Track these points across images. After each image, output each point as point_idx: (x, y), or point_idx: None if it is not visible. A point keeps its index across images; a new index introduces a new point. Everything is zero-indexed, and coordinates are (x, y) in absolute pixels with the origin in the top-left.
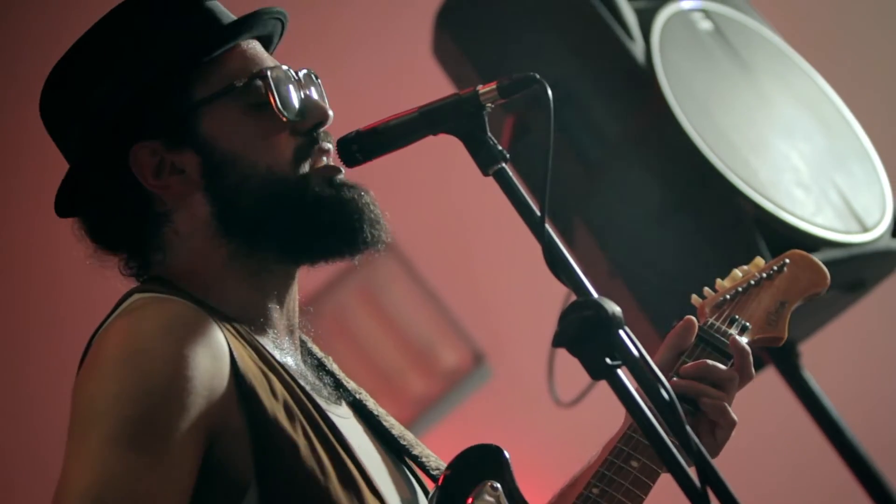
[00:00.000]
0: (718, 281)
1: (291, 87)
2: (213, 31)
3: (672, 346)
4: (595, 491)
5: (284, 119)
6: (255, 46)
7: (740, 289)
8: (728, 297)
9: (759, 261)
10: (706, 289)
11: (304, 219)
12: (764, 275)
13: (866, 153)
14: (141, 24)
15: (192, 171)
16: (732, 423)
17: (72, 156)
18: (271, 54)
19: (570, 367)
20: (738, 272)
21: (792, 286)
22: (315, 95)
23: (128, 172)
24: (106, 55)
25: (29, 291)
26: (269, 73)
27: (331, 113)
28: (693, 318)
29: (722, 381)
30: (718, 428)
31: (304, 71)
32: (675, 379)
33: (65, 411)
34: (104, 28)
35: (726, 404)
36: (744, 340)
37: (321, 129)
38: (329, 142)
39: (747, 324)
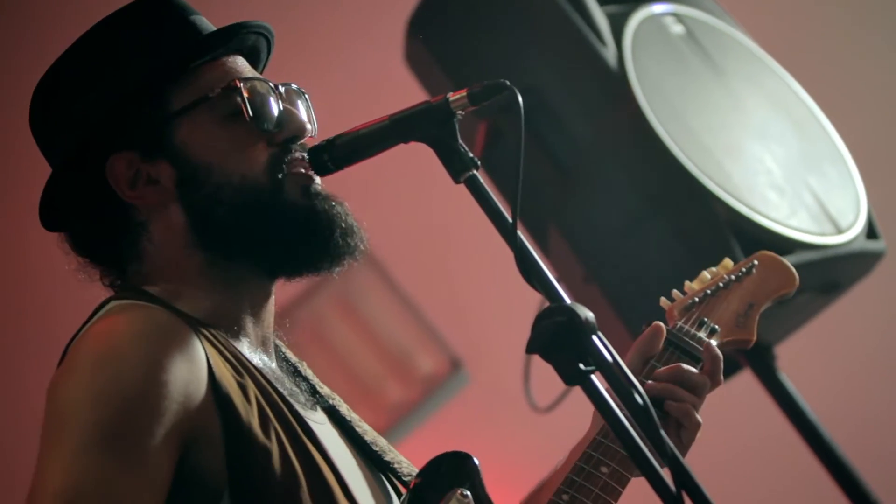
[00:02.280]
0: (687, 283)
1: (269, 98)
2: (190, 43)
3: (640, 351)
4: (565, 497)
5: (258, 130)
6: (235, 60)
7: (709, 291)
8: (697, 299)
9: (728, 262)
10: (675, 291)
11: (277, 229)
12: (733, 276)
13: (840, 155)
14: (124, 36)
15: (166, 181)
16: (697, 425)
17: (54, 165)
18: (261, 71)
19: (546, 373)
20: (706, 274)
21: (760, 288)
22: (301, 110)
23: (106, 183)
24: (88, 67)
25: (24, 293)
26: (242, 83)
27: (309, 127)
28: (661, 323)
29: (694, 385)
30: (683, 429)
31: (290, 86)
32: (648, 383)
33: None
34: (90, 40)
35: (691, 406)
36: (713, 344)
37: (298, 143)
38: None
39: (716, 326)
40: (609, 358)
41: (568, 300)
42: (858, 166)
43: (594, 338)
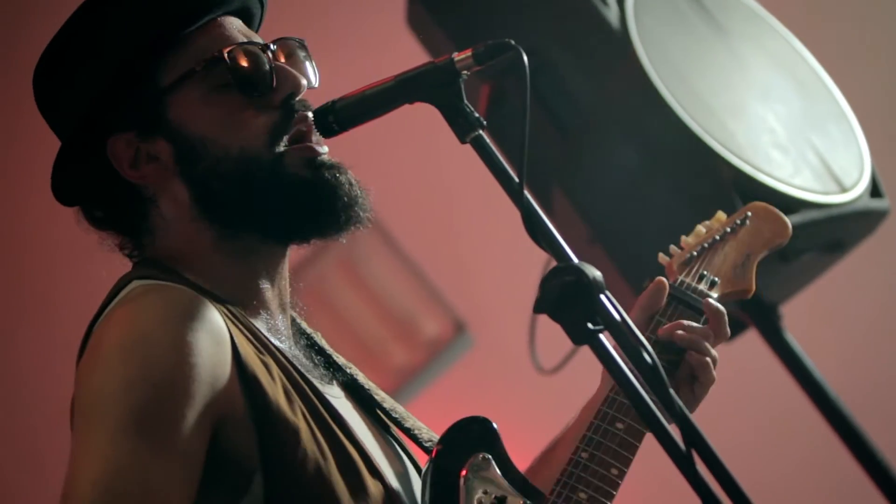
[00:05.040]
0: (684, 238)
1: (259, 62)
2: (173, 15)
3: (644, 307)
4: (584, 455)
5: (249, 97)
6: (224, 24)
7: (706, 245)
8: (695, 253)
9: (721, 215)
10: (672, 247)
11: (281, 202)
12: (728, 229)
13: (843, 114)
14: (114, 12)
15: (165, 158)
16: (712, 381)
17: (61, 141)
18: (257, 29)
19: (551, 335)
20: (701, 228)
21: (755, 238)
22: (299, 62)
23: (109, 163)
24: (82, 46)
25: (23, 276)
26: (227, 52)
27: (303, 81)
28: (664, 278)
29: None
30: (698, 383)
31: (285, 40)
32: (677, 332)
33: (55, 397)
34: (80, 16)
35: (709, 360)
36: (714, 296)
37: (295, 99)
38: (308, 109)
39: (716, 279)
40: (617, 317)
41: (575, 260)
42: (861, 125)
43: (602, 297)
